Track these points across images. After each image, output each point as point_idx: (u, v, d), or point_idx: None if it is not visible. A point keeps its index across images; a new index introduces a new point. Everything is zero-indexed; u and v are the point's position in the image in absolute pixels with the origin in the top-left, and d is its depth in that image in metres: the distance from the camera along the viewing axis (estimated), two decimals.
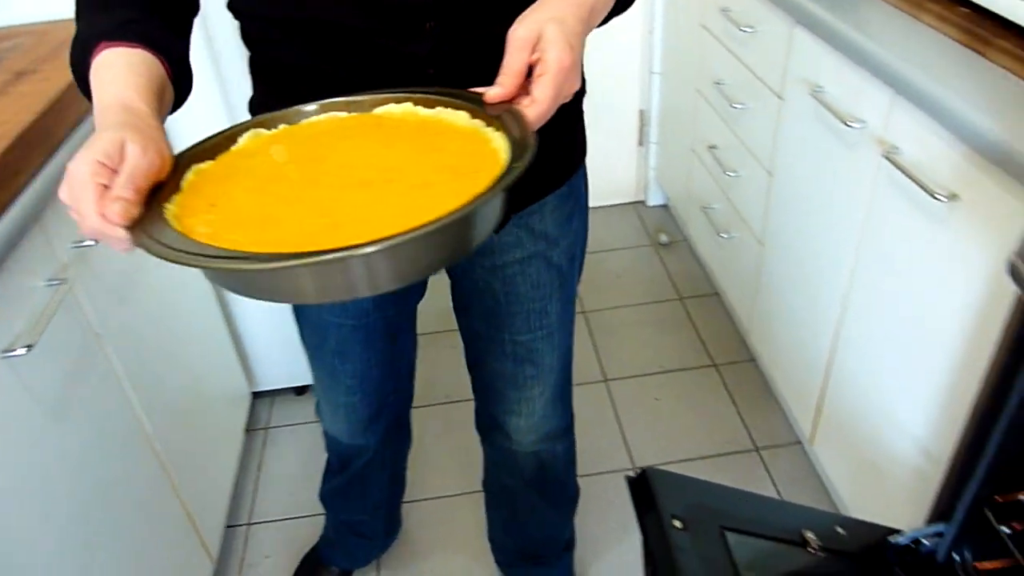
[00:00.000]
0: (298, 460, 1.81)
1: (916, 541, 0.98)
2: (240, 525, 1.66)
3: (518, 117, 0.65)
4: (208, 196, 0.63)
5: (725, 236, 1.93)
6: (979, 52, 1.07)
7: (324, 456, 1.39)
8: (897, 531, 0.98)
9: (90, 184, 0.55)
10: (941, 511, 0.98)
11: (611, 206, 2.67)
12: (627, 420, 1.84)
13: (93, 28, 0.68)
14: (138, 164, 0.57)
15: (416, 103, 0.73)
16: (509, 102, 0.66)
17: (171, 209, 0.60)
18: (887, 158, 1.10)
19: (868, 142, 1.18)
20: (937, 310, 1.07)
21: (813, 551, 0.89)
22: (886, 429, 1.25)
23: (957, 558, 0.97)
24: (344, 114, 0.74)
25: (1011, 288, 0.76)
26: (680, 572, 0.76)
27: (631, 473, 0.89)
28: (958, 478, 0.94)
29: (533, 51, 0.65)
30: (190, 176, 0.65)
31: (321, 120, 0.74)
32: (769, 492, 1.63)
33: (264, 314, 1.76)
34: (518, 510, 1.32)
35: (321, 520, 1.64)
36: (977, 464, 0.90)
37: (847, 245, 1.30)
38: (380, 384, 1.17)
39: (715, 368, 1.96)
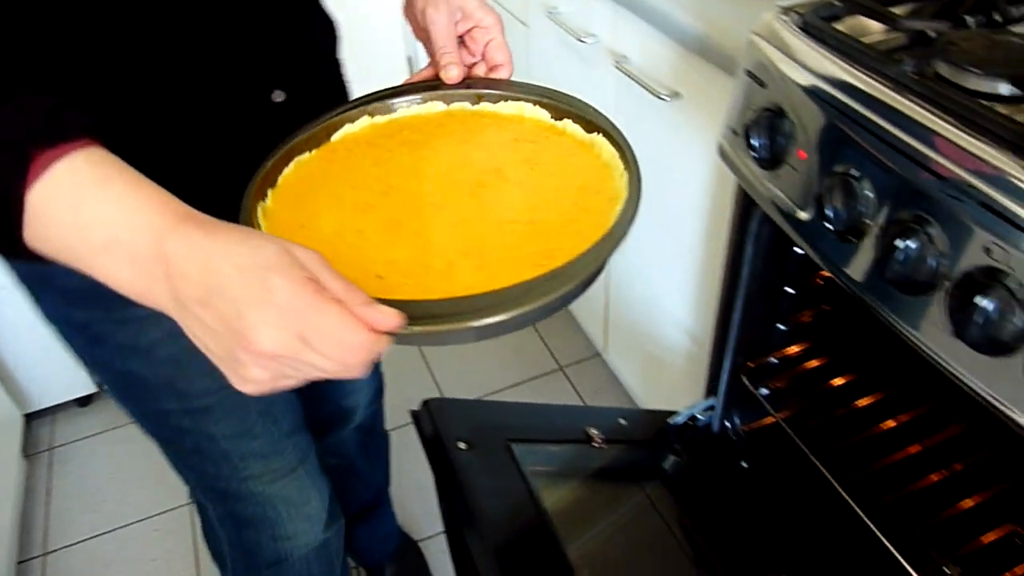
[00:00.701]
0: (92, 475, 1.67)
1: (692, 418, 1.06)
2: (34, 557, 1.51)
3: (511, 82, 0.70)
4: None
5: None
6: None
7: (123, 462, 1.26)
8: (675, 412, 1.06)
9: (330, 307, 0.42)
10: (711, 387, 1.07)
11: None
12: (437, 366, 1.85)
13: (7, 131, 0.44)
14: (325, 262, 0.45)
15: (372, 114, 0.69)
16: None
17: None
18: (618, 67, 1.15)
19: (602, 55, 1.23)
20: (681, 203, 1.14)
21: (598, 445, 0.94)
22: (660, 323, 1.34)
23: (729, 425, 1.07)
24: (308, 154, 0.65)
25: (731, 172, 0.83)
26: (465, 489, 0.77)
27: (415, 408, 0.89)
28: (717, 354, 1.02)
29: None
30: None
31: (310, 159, 0.65)
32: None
33: (25, 330, 1.58)
34: (347, 484, 1.29)
35: (127, 532, 1.54)
36: (728, 337, 0.98)
37: None
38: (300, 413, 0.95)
39: None
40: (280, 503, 0.91)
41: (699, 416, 1.06)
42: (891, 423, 0.95)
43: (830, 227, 0.64)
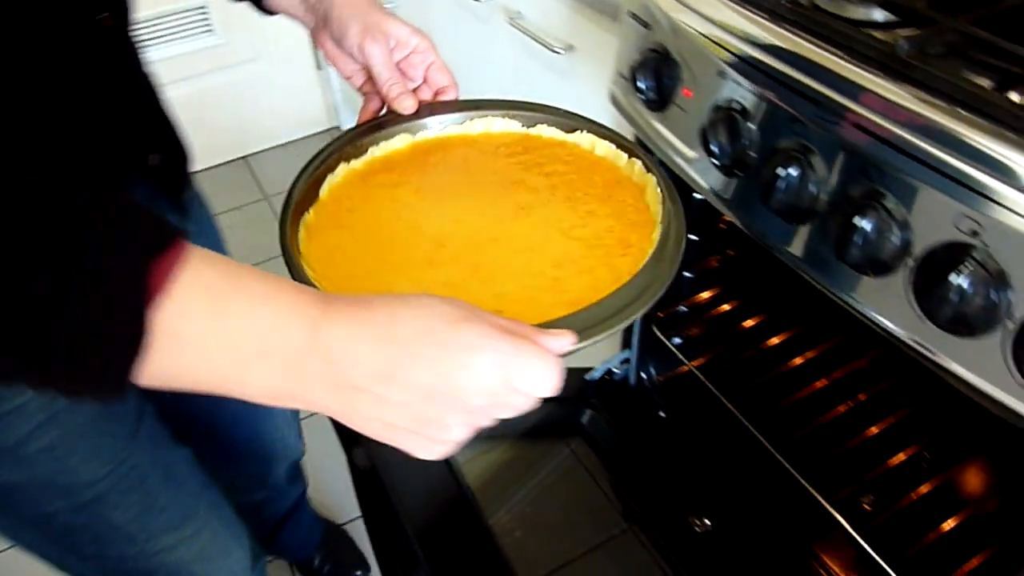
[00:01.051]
0: None
1: (609, 372, 1.06)
2: None
3: (465, 101, 0.69)
4: None
5: None
6: None
7: None
8: (591, 368, 1.06)
9: (525, 344, 0.40)
10: (626, 340, 1.07)
11: (305, 137, 2.56)
12: None
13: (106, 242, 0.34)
14: (472, 305, 0.42)
15: (346, 159, 0.65)
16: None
17: None
18: (512, 24, 1.14)
19: (497, 13, 1.21)
20: None
21: None
22: None
23: (645, 377, 1.07)
24: (309, 213, 0.60)
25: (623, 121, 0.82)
26: (378, 465, 0.75)
27: None
28: None
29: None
30: None
31: (315, 220, 0.60)
32: None
33: None
34: (269, 508, 1.24)
35: None
36: None
37: None
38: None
39: None
40: (197, 565, 0.82)
41: (615, 370, 1.06)
42: (799, 360, 0.97)
43: (716, 163, 0.63)
